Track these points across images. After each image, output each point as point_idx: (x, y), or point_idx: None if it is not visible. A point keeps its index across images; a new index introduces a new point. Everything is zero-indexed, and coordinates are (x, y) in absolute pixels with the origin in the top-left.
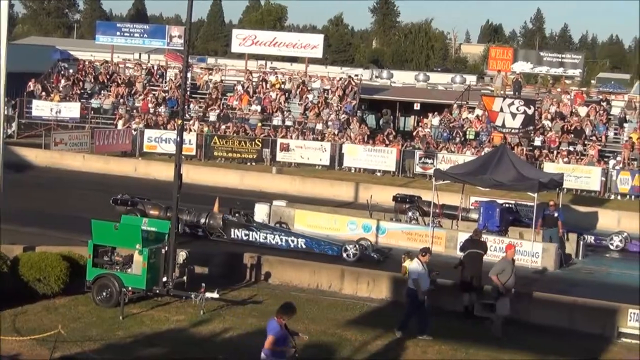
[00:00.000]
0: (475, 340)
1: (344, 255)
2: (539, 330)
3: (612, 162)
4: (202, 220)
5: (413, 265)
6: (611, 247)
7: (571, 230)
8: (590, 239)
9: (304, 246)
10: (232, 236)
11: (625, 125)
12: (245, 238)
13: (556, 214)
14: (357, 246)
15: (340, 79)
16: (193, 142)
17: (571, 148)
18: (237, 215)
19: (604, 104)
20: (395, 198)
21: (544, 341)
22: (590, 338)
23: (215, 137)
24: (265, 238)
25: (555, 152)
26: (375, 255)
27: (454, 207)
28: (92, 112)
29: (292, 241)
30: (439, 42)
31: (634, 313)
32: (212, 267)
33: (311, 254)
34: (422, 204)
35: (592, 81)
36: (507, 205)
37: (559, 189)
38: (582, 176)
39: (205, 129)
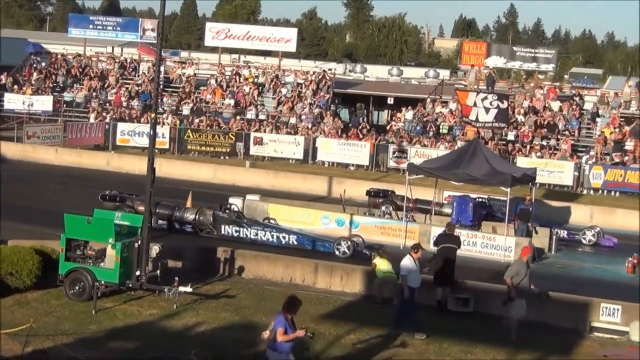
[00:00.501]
0: (448, 334)
1: (337, 252)
2: (513, 325)
3: (584, 156)
4: (192, 217)
5: (405, 261)
6: (584, 241)
7: (544, 225)
8: (563, 233)
9: (295, 242)
10: (223, 232)
11: (598, 120)
12: (235, 234)
13: (531, 209)
14: (349, 243)
15: (314, 73)
16: (166, 135)
17: (544, 143)
18: (227, 211)
19: (577, 98)
20: (368, 192)
21: (518, 335)
22: (563, 332)
23: (189, 131)
24: (256, 234)
25: (528, 146)
26: (367, 252)
27: (428, 202)
28: (65, 105)
29: (284, 237)
30: (412, 37)
31: (606, 307)
32: (185, 261)
33: (302, 250)
34: (396, 199)
35: (565, 76)
36: (480, 199)
37: (532, 184)
38: (555, 171)
39: (179, 122)
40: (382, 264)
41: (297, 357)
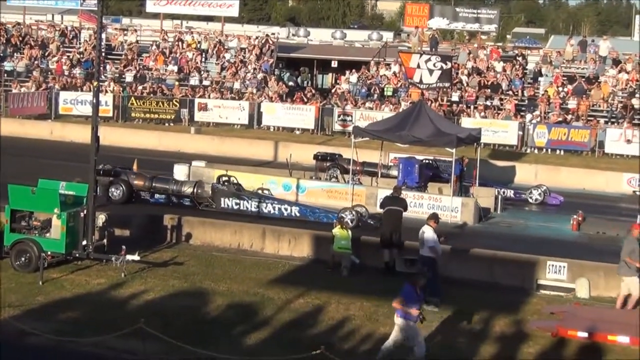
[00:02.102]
0: (396, 296)
1: None
2: (461, 285)
3: (528, 116)
4: (190, 190)
5: (428, 233)
6: (530, 200)
7: (489, 185)
8: (510, 193)
9: (297, 214)
10: (223, 205)
11: (541, 79)
12: (236, 207)
13: (465, 169)
14: (354, 213)
15: (257, 37)
16: (110, 103)
17: (488, 103)
18: (226, 183)
19: (520, 58)
20: (315, 156)
21: (465, 295)
22: (510, 291)
23: (132, 98)
24: (257, 207)
25: (472, 107)
26: (372, 222)
27: (374, 164)
28: (6, 75)
29: (286, 209)
30: None
31: (553, 265)
32: (132, 229)
33: (304, 222)
34: (343, 162)
35: (508, 36)
36: (426, 161)
37: (477, 144)
38: (500, 130)
39: (122, 90)
40: (341, 235)
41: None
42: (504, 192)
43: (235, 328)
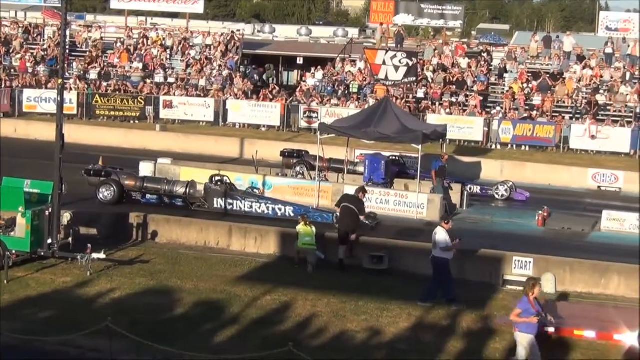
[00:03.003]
0: (364, 292)
1: (336, 221)
2: (426, 280)
3: (493, 112)
4: (182, 190)
5: (440, 235)
6: (497, 196)
7: (457, 181)
8: (476, 189)
9: (292, 214)
10: (215, 205)
11: (506, 75)
12: (229, 207)
13: (446, 166)
14: None
15: (222, 34)
16: (74, 101)
17: (453, 99)
18: (219, 183)
19: (485, 55)
20: (282, 153)
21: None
22: (477, 286)
23: (97, 96)
24: (251, 207)
25: (437, 103)
26: (368, 222)
27: (341, 161)
28: None
29: (280, 209)
30: None
31: (519, 260)
32: (98, 227)
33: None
34: (310, 159)
35: (473, 32)
36: (392, 157)
37: (443, 140)
38: (465, 127)
39: (86, 87)
40: (304, 232)
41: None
42: (470, 189)
43: (202, 326)
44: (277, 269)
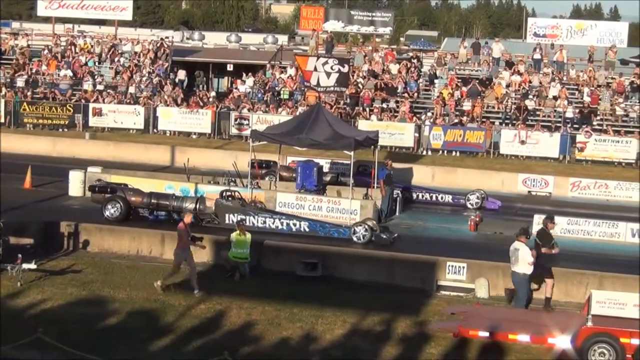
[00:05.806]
0: (298, 299)
1: (354, 237)
2: (360, 287)
3: (424, 118)
4: (191, 206)
5: (524, 250)
6: (469, 205)
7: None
8: (448, 198)
9: (307, 229)
10: (227, 222)
11: (436, 81)
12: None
13: (392, 172)
14: (366, 227)
15: (151, 41)
16: (1, 109)
17: (384, 105)
18: (230, 198)
19: (415, 61)
20: (251, 164)
21: (364, 297)
22: (410, 292)
23: (25, 104)
24: (264, 222)
25: (368, 109)
26: (385, 236)
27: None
28: None
29: (294, 225)
30: (248, 2)
31: (452, 266)
32: (28, 237)
33: (312, 237)
34: (280, 170)
35: (402, 39)
36: (361, 167)
37: (374, 146)
38: (396, 133)
39: (14, 95)
40: (238, 241)
41: None
42: (442, 198)
43: (136, 335)
44: (210, 277)
